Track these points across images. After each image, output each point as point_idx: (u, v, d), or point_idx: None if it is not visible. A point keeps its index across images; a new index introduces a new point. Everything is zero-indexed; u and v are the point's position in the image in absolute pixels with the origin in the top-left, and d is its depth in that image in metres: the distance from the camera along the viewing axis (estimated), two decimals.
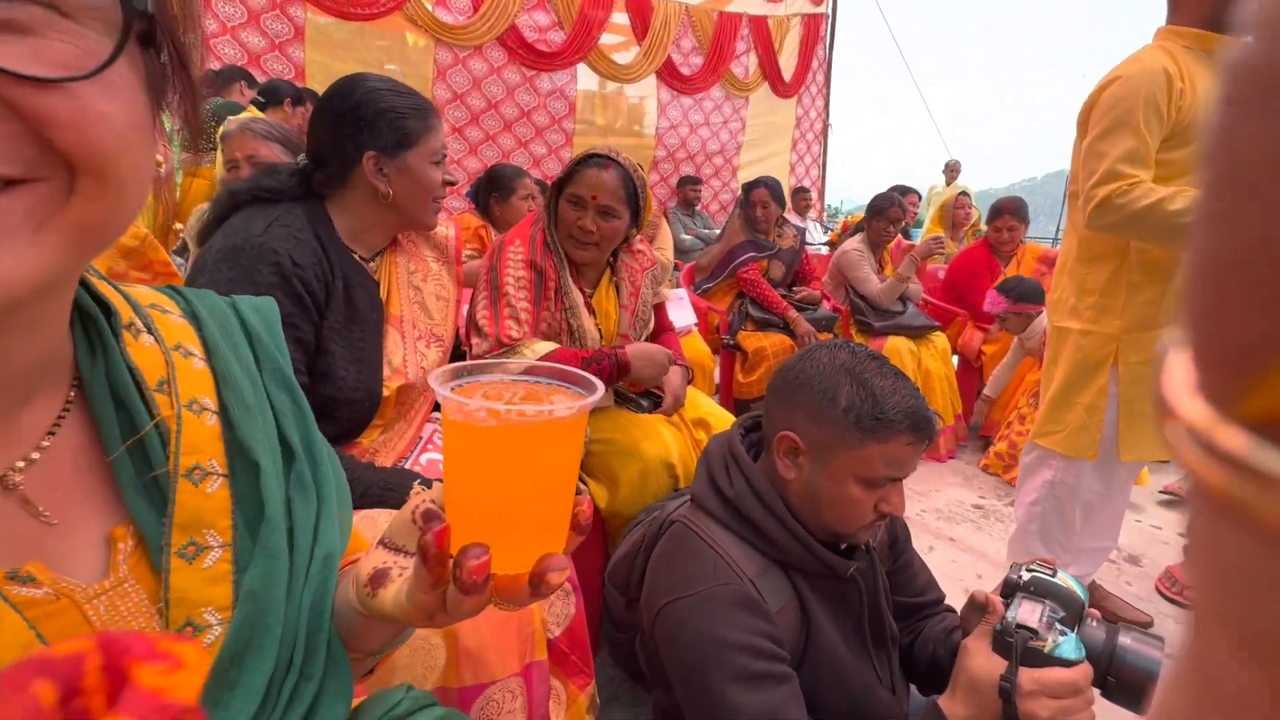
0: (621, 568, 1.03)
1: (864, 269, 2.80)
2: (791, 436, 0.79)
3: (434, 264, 1.15)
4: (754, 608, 0.76)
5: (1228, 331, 0.09)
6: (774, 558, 0.81)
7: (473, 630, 0.85)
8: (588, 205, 1.29)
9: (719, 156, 5.57)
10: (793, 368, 0.82)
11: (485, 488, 0.35)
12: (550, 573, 0.35)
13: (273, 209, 0.95)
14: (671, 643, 0.77)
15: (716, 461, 0.87)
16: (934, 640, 0.92)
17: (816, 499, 0.78)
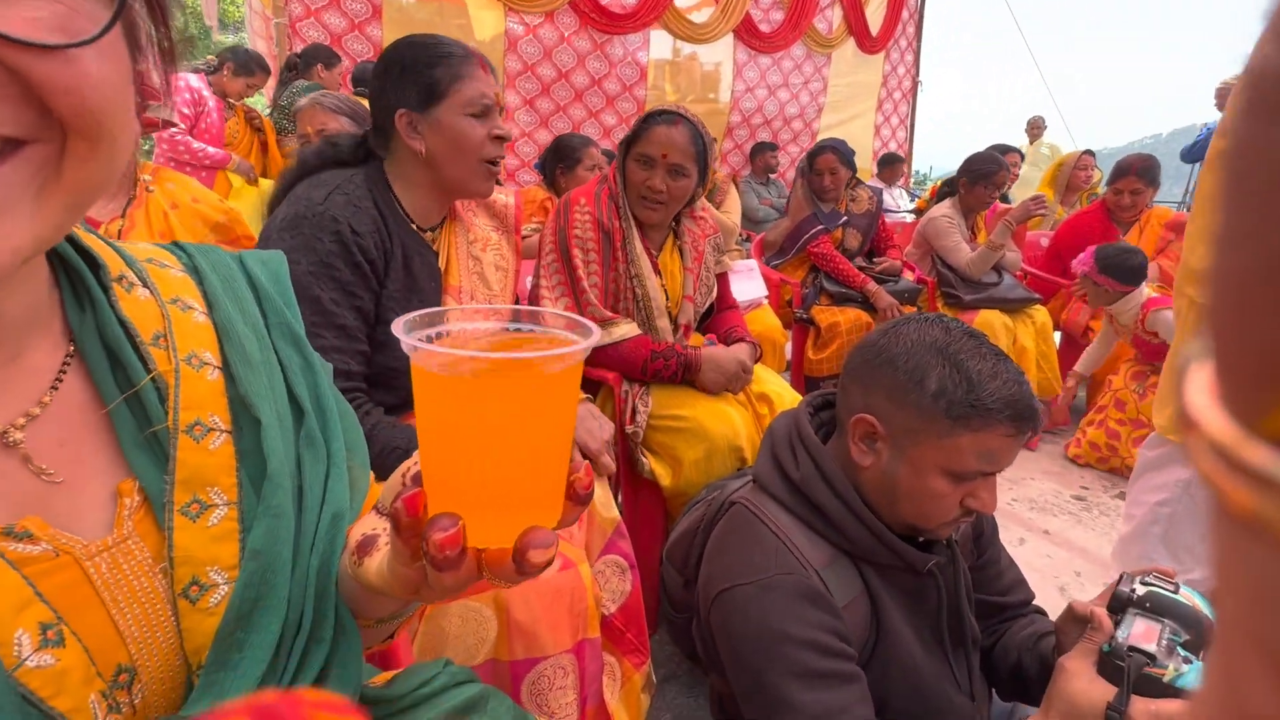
0: (679, 547, 0.99)
1: (953, 237, 2.56)
2: (869, 420, 0.72)
3: (494, 233, 1.12)
4: (818, 600, 0.70)
5: (1251, 345, 0.09)
6: (842, 548, 0.75)
7: (523, 604, 0.84)
8: (657, 164, 1.25)
9: (798, 120, 5.29)
10: (875, 344, 0.74)
11: (459, 450, 0.31)
12: (531, 550, 0.30)
13: (334, 177, 0.95)
14: (727, 631, 0.73)
15: (781, 441, 0.81)
16: (1019, 647, 0.84)
17: (893, 489, 0.71)
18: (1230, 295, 0.10)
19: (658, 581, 1.36)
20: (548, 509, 0.33)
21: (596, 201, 1.29)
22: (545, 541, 0.31)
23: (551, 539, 0.31)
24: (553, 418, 0.32)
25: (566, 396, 0.32)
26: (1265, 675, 0.10)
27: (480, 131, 0.94)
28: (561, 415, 0.32)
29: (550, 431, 0.32)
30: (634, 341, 1.26)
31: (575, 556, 0.92)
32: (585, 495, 0.34)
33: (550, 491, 0.33)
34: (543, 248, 1.32)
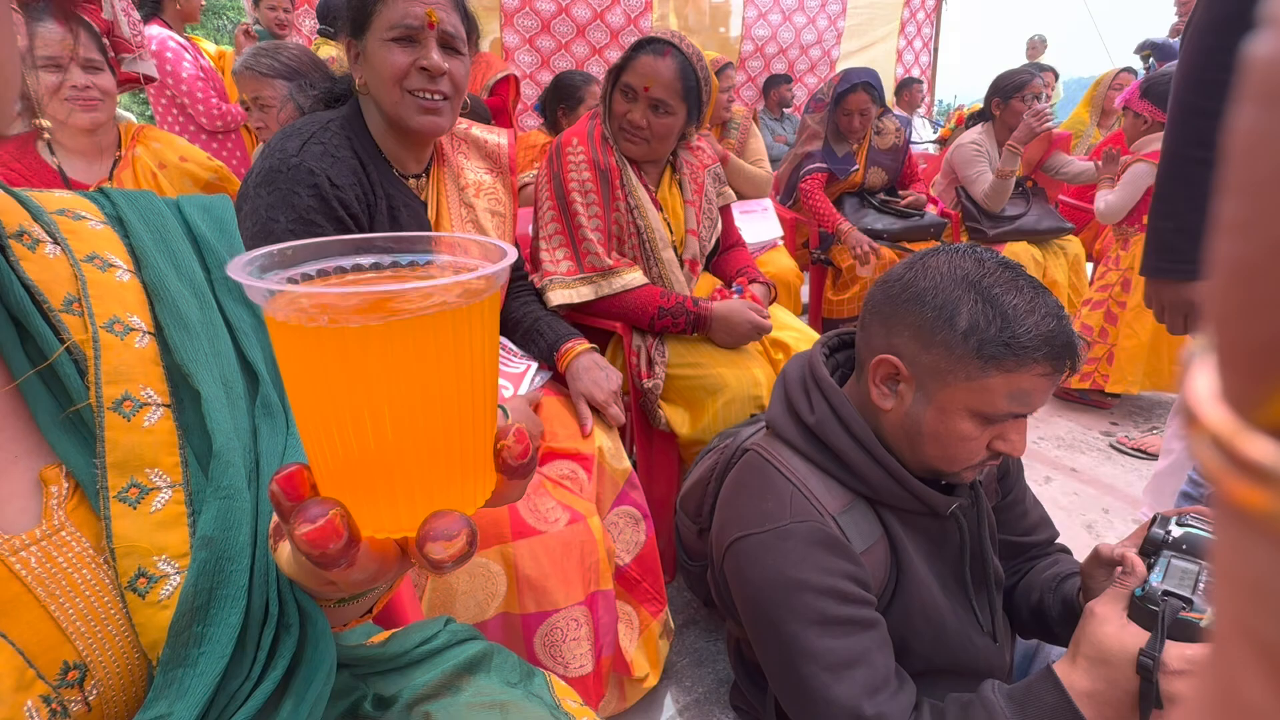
0: (693, 495, 0.97)
1: (977, 165, 2.39)
2: (892, 361, 0.67)
3: (487, 175, 1.06)
4: (835, 547, 0.67)
5: (1251, 336, 0.09)
6: (860, 492, 0.72)
7: (532, 560, 0.82)
8: (639, 97, 1.17)
9: (815, 48, 4.97)
10: (900, 278, 0.68)
11: (332, 420, 0.25)
12: (430, 543, 0.25)
13: (310, 124, 0.90)
14: (742, 580, 0.71)
15: (794, 384, 0.77)
16: (1041, 587, 0.81)
17: (917, 432, 0.67)
18: (1231, 285, 0.09)
19: (673, 530, 1.36)
20: (464, 486, 0.27)
21: (590, 140, 1.21)
22: (448, 531, 0.25)
23: (457, 528, 0.25)
24: (454, 371, 0.25)
25: (473, 342, 0.26)
26: (1260, 671, 0.10)
27: (400, 59, 0.84)
28: (467, 367, 0.26)
29: (452, 389, 0.25)
30: (641, 292, 1.21)
31: (585, 510, 0.90)
32: (520, 466, 0.29)
33: (463, 465, 0.27)
34: (538, 198, 1.26)
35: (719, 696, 1.13)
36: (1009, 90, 2.32)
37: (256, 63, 1.39)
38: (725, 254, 1.47)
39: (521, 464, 0.29)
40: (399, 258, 0.29)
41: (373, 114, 0.92)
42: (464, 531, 0.25)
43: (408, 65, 0.84)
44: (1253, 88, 0.09)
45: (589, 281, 1.21)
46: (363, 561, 0.26)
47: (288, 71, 1.39)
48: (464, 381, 0.26)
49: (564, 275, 1.20)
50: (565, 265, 1.21)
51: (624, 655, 1.00)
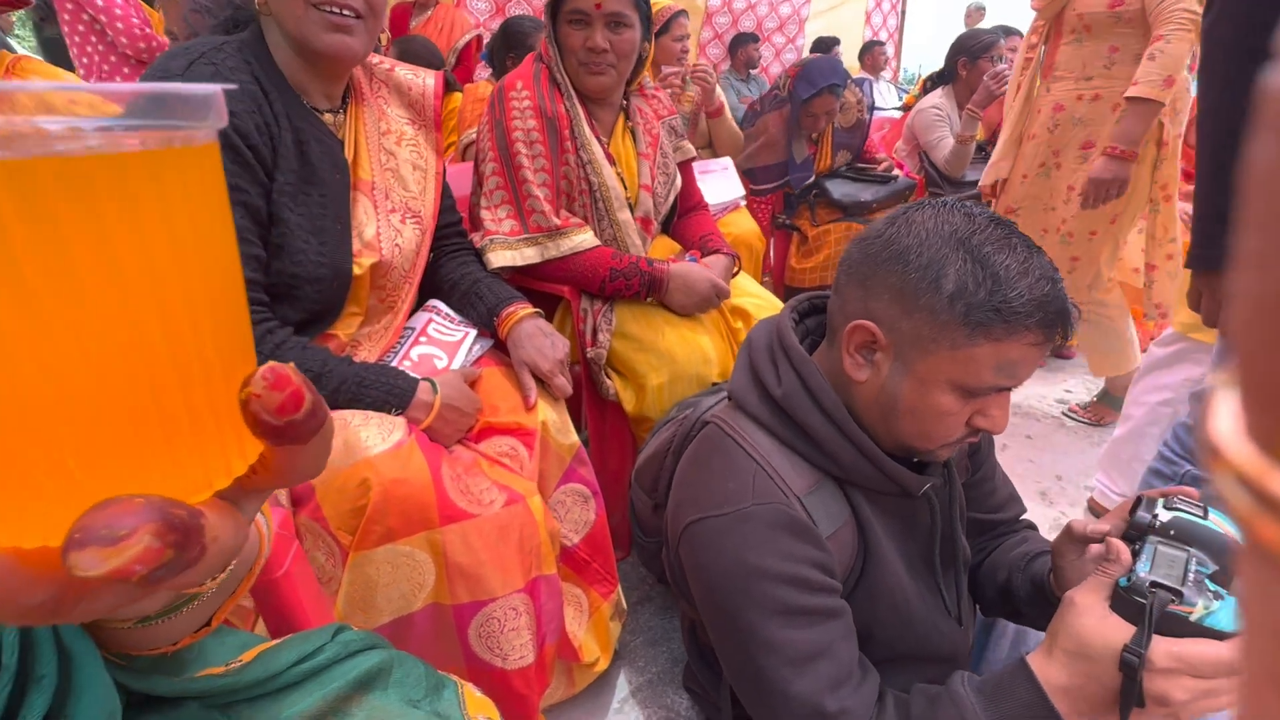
0: (649, 469, 0.90)
1: (939, 130, 2.35)
2: (868, 327, 0.61)
3: (408, 126, 0.94)
4: (800, 531, 0.62)
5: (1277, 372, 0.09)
6: (828, 471, 0.67)
7: (463, 546, 0.75)
8: (593, 19, 1.06)
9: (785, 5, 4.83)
10: (880, 234, 0.61)
11: None
12: (73, 551, 0.15)
13: (200, 44, 0.77)
14: (698, 565, 0.65)
15: (760, 353, 0.71)
16: (1009, 566, 0.77)
17: (892, 406, 0.62)
18: (1254, 320, 0.09)
19: (626, 507, 1.30)
20: (169, 460, 0.17)
21: (536, 84, 1.10)
22: (109, 532, 0.15)
23: (125, 525, 0.15)
24: (125, 251, 0.16)
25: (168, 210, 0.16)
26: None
27: None
28: (160, 250, 0.16)
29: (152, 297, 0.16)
30: (592, 254, 1.11)
31: (524, 489, 0.83)
32: (290, 426, 0.19)
33: (160, 425, 0.17)
34: (479, 148, 1.14)
35: (673, 676, 1.09)
36: (975, 51, 2.27)
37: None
38: (686, 217, 1.38)
39: (291, 421, 0.19)
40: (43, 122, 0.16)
41: (276, 38, 0.80)
42: (144, 528, 0.15)
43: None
44: (1270, 119, 0.09)
45: (534, 243, 1.11)
46: (11, 591, 0.16)
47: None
48: (158, 273, 0.16)
49: (506, 235, 1.10)
50: (508, 225, 1.11)
51: (572, 641, 0.94)
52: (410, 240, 0.91)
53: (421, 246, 0.93)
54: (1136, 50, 1.42)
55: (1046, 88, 1.59)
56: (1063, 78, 1.55)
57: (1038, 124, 1.61)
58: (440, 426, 0.84)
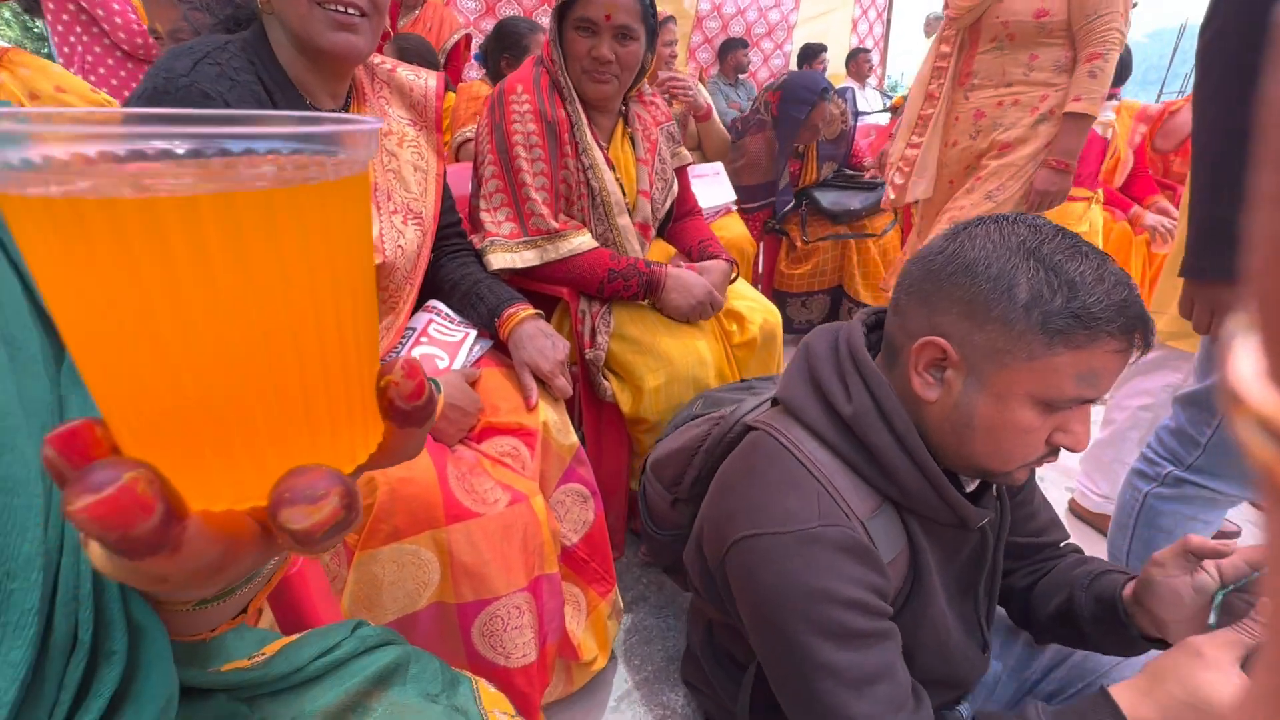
0: (671, 464, 0.87)
1: None
2: (938, 343, 0.59)
3: (410, 128, 0.95)
4: (865, 556, 0.60)
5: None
6: (889, 496, 0.64)
7: (468, 545, 0.75)
8: (601, 28, 1.07)
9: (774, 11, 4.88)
10: (942, 250, 0.60)
11: (120, 343, 0.17)
12: (285, 508, 0.18)
13: (204, 44, 0.77)
14: (753, 582, 0.62)
15: (825, 364, 0.67)
16: (1071, 585, 0.75)
17: (967, 426, 0.59)
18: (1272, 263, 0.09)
19: (623, 505, 1.30)
20: (335, 436, 0.21)
21: (536, 88, 1.11)
22: (310, 491, 0.18)
23: (324, 486, 0.18)
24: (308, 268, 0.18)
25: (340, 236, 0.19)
26: None
27: None
28: (328, 266, 0.19)
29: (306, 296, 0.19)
30: (590, 255, 1.12)
31: (527, 489, 0.83)
32: (415, 410, 0.22)
33: (330, 406, 0.20)
34: (478, 151, 1.15)
35: (669, 674, 1.10)
36: None
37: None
38: (681, 222, 1.39)
39: (416, 406, 0.22)
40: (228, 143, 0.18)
41: (279, 37, 0.80)
42: (335, 490, 0.19)
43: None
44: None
45: (533, 245, 1.12)
46: (195, 546, 0.19)
47: None
48: (323, 288, 0.19)
49: (506, 238, 1.11)
50: (508, 227, 1.12)
51: (571, 639, 0.95)
52: (412, 241, 0.91)
53: (423, 247, 0.94)
54: (1055, 57, 1.46)
55: (964, 95, 1.58)
56: (982, 85, 1.55)
57: (958, 132, 1.60)
58: (444, 426, 0.84)
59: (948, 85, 1.58)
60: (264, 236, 0.17)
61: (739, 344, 1.23)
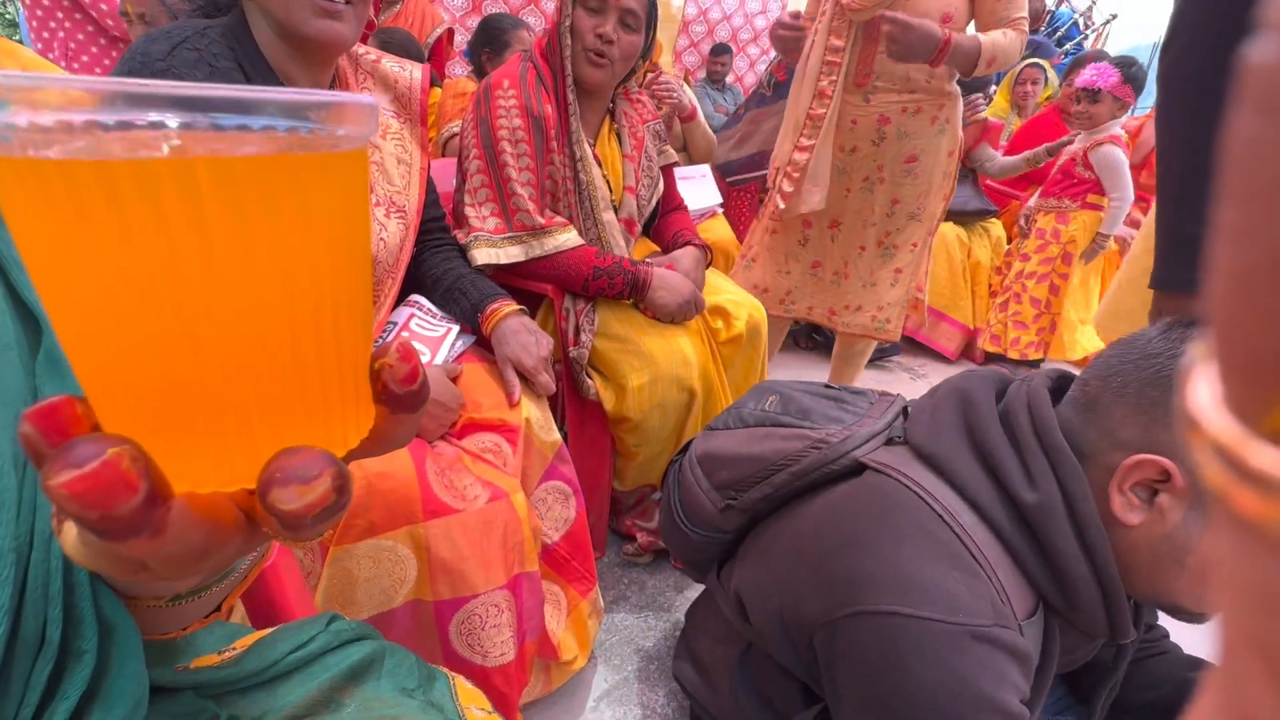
0: (736, 469, 0.77)
1: None
2: (1160, 464, 0.51)
3: (394, 120, 0.93)
4: (1026, 662, 0.54)
5: (1254, 343, 0.09)
6: (1047, 599, 0.57)
7: (447, 541, 0.74)
8: (609, 8, 1.07)
9: (760, 17, 4.92)
10: (1173, 354, 0.52)
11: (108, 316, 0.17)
12: (277, 488, 0.18)
13: (182, 29, 0.75)
14: (892, 664, 0.55)
15: (993, 430, 0.58)
16: (1174, 683, 0.70)
17: (1176, 562, 0.52)
18: (1232, 292, 0.09)
19: (605, 504, 1.30)
20: (327, 418, 0.20)
21: (522, 84, 1.10)
22: (303, 472, 0.18)
23: (316, 468, 0.18)
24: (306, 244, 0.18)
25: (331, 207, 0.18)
26: (1269, 685, 0.10)
27: None
28: (327, 242, 0.18)
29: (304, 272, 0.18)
30: (575, 253, 1.12)
31: (508, 486, 0.83)
32: (408, 394, 0.22)
33: (323, 387, 0.19)
34: (463, 146, 1.14)
35: (648, 674, 1.10)
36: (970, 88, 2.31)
37: None
38: (665, 217, 1.39)
39: (409, 391, 0.22)
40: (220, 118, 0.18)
41: (260, 24, 0.78)
42: (327, 472, 0.18)
43: None
44: (1250, 94, 0.09)
45: (518, 241, 1.11)
46: (178, 530, 0.18)
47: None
48: (322, 265, 0.18)
49: (491, 233, 1.10)
50: (493, 223, 1.11)
51: (551, 638, 0.94)
52: (394, 235, 0.90)
53: (405, 241, 0.93)
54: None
55: (865, 98, 1.43)
56: (883, 88, 1.41)
57: (857, 137, 1.46)
58: (425, 422, 0.83)
59: (840, 84, 1.41)
60: (262, 206, 0.17)
61: (725, 340, 1.23)
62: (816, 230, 1.57)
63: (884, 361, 2.53)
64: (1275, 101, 0.09)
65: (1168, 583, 0.53)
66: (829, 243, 1.57)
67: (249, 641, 0.42)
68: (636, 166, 1.23)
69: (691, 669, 0.91)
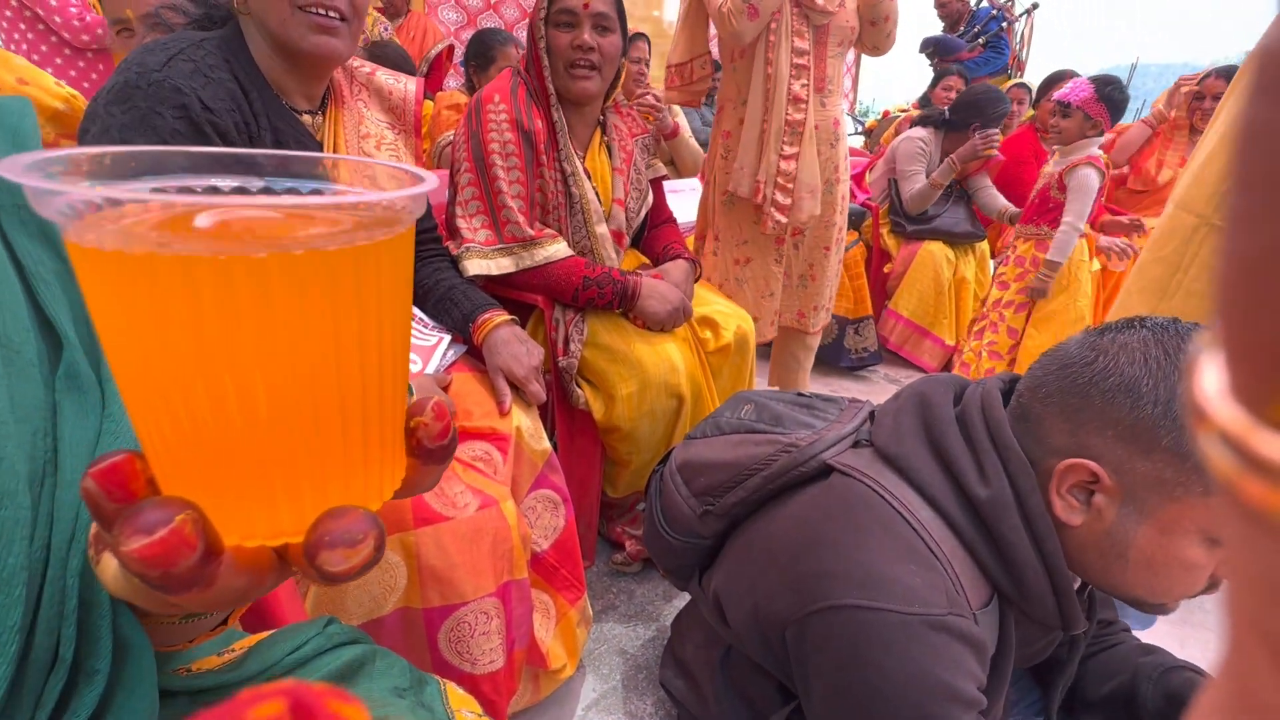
0: (713, 475, 0.78)
1: (917, 164, 2.44)
2: (1089, 467, 0.54)
3: (388, 131, 0.95)
4: (982, 653, 0.56)
5: (1262, 331, 0.09)
6: (1002, 590, 0.60)
7: (436, 549, 0.75)
8: (581, 19, 1.10)
9: None
10: (1089, 362, 0.55)
11: (173, 386, 0.18)
12: (325, 551, 0.19)
13: (178, 40, 0.76)
14: (853, 655, 0.57)
15: (950, 430, 0.61)
16: (1138, 672, 0.71)
17: (1120, 557, 0.55)
18: (1240, 279, 0.09)
19: (595, 513, 1.30)
20: (366, 475, 0.22)
21: (513, 98, 1.12)
22: (350, 535, 0.19)
23: (362, 531, 0.20)
24: (357, 324, 0.19)
25: (383, 289, 0.20)
26: (1274, 671, 0.09)
27: None
28: (374, 320, 0.20)
29: (353, 348, 0.19)
30: (565, 264, 1.13)
31: (498, 494, 0.83)
32: (440, 448, 0.24)
33: (364, 447, 0.21)
34: (455, 159, 1.16)
35: (637, 683, 1.10)
36: (991, 119, 2.31)
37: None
38: (654, 230, 1.42)
39: (441, 445, 0.24)
40: (274, 181, 0.22)
41: (255, 37, 0.80)
42: (371, 534, 0.20)
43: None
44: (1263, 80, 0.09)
45: (509, 253, 1.12)
46: (226, 579, 0.20)
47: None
48: (371, 340, 0.20)
49: (482, 245, 1.11)
50: (484, 234, 1.12)
51: (539, 646, 0.94)
52: None
53: None
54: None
55: (821, 102, 1.47)
56: (834, 91, 1.49)
57: (820, 140, 1.49)
58: None
59: (811, 87, 1.43)
60: (324, 293, 0.18)
61: (714, 350, 1.25)
62: (787, 242, 1.60)
63: (866, 372, 2.56)
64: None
65: (1119, 576, 0.56)
66: (792, 250, 1.61)
67: (248, 644, 0.42)
68: (625, 179, 1.25)
69: (678, 676, 0.92)
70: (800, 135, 1.44)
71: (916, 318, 2.55)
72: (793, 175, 1.46)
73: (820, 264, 1.62)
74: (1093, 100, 1.95)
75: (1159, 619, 1.21)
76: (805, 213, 1.50)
